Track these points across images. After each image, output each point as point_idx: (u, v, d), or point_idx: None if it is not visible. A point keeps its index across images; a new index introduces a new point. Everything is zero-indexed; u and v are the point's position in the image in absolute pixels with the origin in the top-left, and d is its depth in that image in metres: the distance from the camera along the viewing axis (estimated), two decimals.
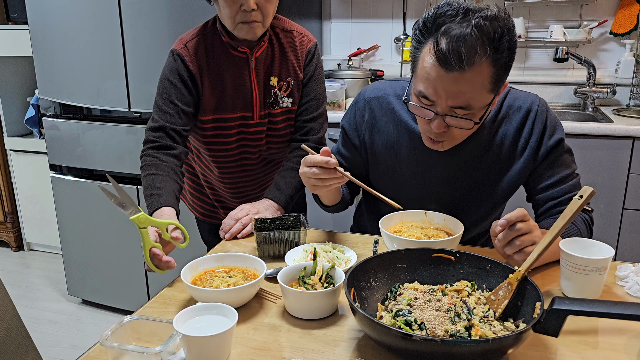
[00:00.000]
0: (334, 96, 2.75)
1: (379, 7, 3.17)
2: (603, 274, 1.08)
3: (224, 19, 1.47)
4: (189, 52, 1.53)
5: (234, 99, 1.57)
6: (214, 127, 1.60)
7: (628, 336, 0.99)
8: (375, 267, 1.06)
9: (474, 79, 1.12)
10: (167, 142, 1.51)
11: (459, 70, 1.10)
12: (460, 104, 1.16)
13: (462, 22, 1.09)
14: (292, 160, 1.64)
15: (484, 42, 1.09)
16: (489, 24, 1.09)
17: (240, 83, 1.56)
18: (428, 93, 1.17)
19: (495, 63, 1.12)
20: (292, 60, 1.62)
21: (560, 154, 1.34)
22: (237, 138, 1.63)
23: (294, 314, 1.05)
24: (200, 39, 1.55)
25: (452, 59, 1.09)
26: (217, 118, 1.58)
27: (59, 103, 2.74)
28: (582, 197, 1.01)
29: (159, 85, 1.56)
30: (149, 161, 1.48)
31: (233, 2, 1.41)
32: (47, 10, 2.60)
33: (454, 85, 1.13)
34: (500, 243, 1.12)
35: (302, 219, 1.35)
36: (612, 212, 2.43)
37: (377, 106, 1.42)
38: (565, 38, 2.80)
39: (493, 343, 0.81)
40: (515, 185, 1.39)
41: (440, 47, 1.10)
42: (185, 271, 1.12)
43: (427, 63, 1.14)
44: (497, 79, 1.15)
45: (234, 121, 1.59)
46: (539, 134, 1.33)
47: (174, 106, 1.52)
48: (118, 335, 0.91)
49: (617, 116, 2.61)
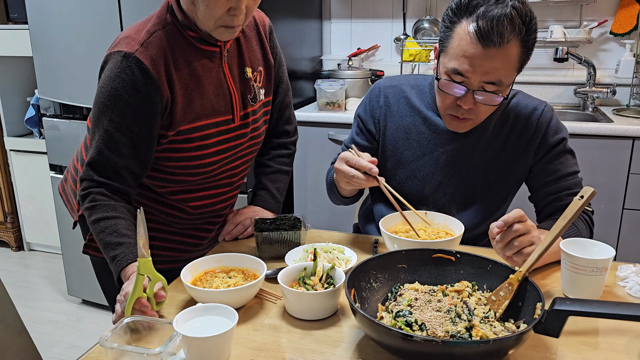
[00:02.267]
0: (334, 96, 2.75)
1: (379, 7, 3.17)
2: (604, 275, 1.08)
3: (200, 19, 1.22)
4: (149, 56, 1.21)
5: (214, 102, 1.31)
6: (184, 141, 1.29)
7: (629, 337, 0.98)
8: (376, 267, 1.06)
9: (507, 56, 1.20)
10: (119, 185, 1.25)
11: (495, 47, 1.18)
12: (492, 79, 1.23)
13: (498, 4, 1.18)
14: (277, 161, 1.56)
15: (519, 23, 1.18)
16: (522, 7, 1.19)
17: (218, 82, 1.32)
18: (463, 69, 1.23)
19: (525, 43, 1.22)
20: (255, 45, 1.42)
21: (562, 152, 1.38)
22: (217, 150, 1.34)
23: (294, 314, 1.05)
24: (160, 35, 1.24)
25: (494, 34, 1.17)
26: (194, 127, 1.29)
27: (59, 103, 2.74)
28: (583, 197, 1.01)
29: (105, 103, 1.21)
30: (102, 201, 1.23)
31: (220, 4, 1.18)
32: (47, 10, 2.60)
33: (489, 61, 1.20)
34: (498, 245, 1.12)
35: (302, 220, 1.35)
36: (612, 212, 2.43)
37: (392, 93, 1.48)
38: (565, 38, 2.80)
39: (494, 344, 0.81)
40: (516, 182, 1.42)
41: (480, 25, 1.18)
42: (185, 272, 1.12)
43: (464, 40, 1.21)
44: (524, 58, 1.25)
45: (215, 127, 1.32)
46: (542, 131, 1.37)
47: (129, 137, 1.23)
48: (118, 335, 0.91)
49: (617, 116, 2.61)
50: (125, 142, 1.22)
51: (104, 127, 1.22)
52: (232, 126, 1.35)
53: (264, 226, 1.33)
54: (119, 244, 1.17)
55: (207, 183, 1.39)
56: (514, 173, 1.41)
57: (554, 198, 1.38)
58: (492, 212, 1.47)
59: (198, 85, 1.28)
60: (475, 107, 1.27)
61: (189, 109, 1.27)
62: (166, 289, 1.08)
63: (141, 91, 1.20)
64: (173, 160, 1.31)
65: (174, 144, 1.29)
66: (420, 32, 3.09)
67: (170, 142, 1.28)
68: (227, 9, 1.19)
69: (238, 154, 1.40)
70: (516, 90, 1.42)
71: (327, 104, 2.77)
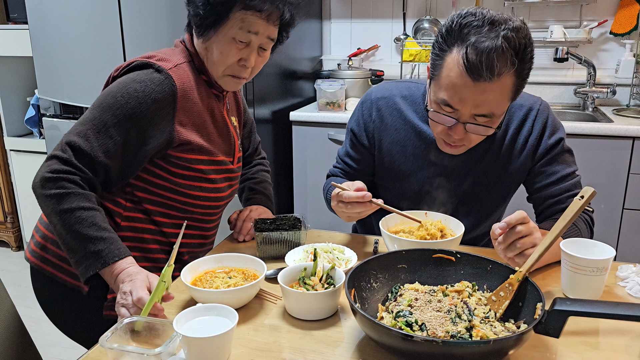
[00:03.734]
0: (334, 96, 2.75)
1: (379, 7, 3.16)
2: (604, 275, 1.08)
3: (211, 65, 1.28)
4: (179, 78, 1.24)
5: (220, 143, 1.36)
6: (199, 165, 1.30)
7: (629, 337, 0.98)
8: (376, 267, 1.06)
9: (499, 89, 1.16)
10: (93, 178, 1.19)
11: (486, 81, 1.13)
12: (483, 112, 1.19)
13: (490, 34, 1.12)
14: (261, 175, 1.63)
15: (511, 54, 1.12)
16: (515, 36, 1.12)
17: (224, 124, 1.37)
18: (453, 102, 1.19)
19: (519, 74, 1.17)
20: (232, 97, 1.50)
21: (560, 153, 1.36)
22: (216, 187, 1.36)
23: (295, 314, 1.05)
24: (186, 67, 1.28)
25: (483, 70, 1.11)
26: (198, 159, 1.30)
27: (59, 103, 2.74)
28: (583, 197, 1.01)
29: (116, 98, 1.18)
30: (74, 189, 1.14)
31: (233, 54, 1.25)
32: (47, 10, 2.60)
33: (480, 94, 1.16)
34: (500, 246, 1.12)
35: (303, 220, 1.35)
36: (612, 212, 2.43)
37: (384, 105, 1.44)
38: (565, 38, 2.80)
39: (494, 344, 0.81)
40: (515, 183, 1.41)
41: (470, 58, 1.12)
42: (185, 272, 1.12)
43: (453, 72, 1.16)
44: (518, 88, 1.20)
45: (216, 165, 1.34)
46: (538, 132, 1.35)
47: (123, 140, 1.18)
48: (118, 336, 0.91)
49: (617, 116, 2.61)
50: (116, 142, 1.18)
51: (103, 119, 1.18)
52: (230, 167, 1.39)
53: (264, 226, 1.33)
54: (101, 238, 1.12)
55: (191, 213, 1.36)
56: (512, 176, 1.40)
57: (554, 201, 1.36)
58: (490, 214, 1.46)
59: (209, 122, 1.32)
60: (466, 135, 1.24)
61: (199, 139, 1.28)
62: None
63: (159, 104, 1.20)
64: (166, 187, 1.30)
65: (170, 167, 1.28)
66: (420, 32, 3.09)
67: (166, 166, 1.28)
68: (238, 59, 1.26)
69: (228, 195, 1.43)
70: None
71: (327, 104, 2.77)
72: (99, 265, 1.12)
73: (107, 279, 1.13)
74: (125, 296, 1.06)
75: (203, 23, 1.24)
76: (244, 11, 1.21)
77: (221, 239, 1.46)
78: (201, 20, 1.24)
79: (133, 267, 1.12)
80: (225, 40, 1.24)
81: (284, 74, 2.82)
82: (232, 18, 1.22)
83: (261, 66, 1.33)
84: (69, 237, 1.13)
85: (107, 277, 1.13)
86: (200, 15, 1.23)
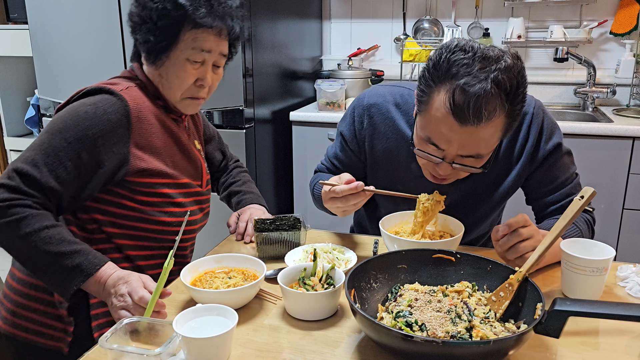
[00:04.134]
0: (334, 96, 2.75)
1: (379, 7, 3.16)
2: (604, 275, 1.08)
3: (168, 90, 1.25)
4: (132, 98, 1.20)
5: (186, 166, 1.32)
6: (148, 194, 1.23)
7: (629, 337, 0.98)
8: (376, 268, 1.06)
9: (488, 132, 1.11)
10: (46, 201, 1.13)
11: (474, 125, 1.08)
12: (470, 153, 1.15)
13: (479, 75, 1.05)
14: (242, 176, 1.62)
15: (502, 98, 1.07)
16: (506, 78, 1.06)
17: (187, 148, 1.32)
18: (438, 142, 1.15)
19: (510, 115, 1.11)
20: (191, 123, 1.44)
21: (558, 158, 1.32)
22: (197, 212, 1.34)
23: (294, 315, 1.05)
24: (136, 90, 1.24)
25: (470, 115, 1.06)
26: (162, 183, 1.25)
27: (59, 103, 2.74)
28: (583, 197, 1.01)
29: (66, 122, 1.13)
30: (32, 211, 1.09)
31: (189, 76, 1.22)
32: (47, 10, 2.60)
33: (467, 137, 1.11)
34: (501, 248, 1.11)
35: (302, 220, 1.35)
36: (612, 213, 2.43)
37: (377, 113, 1.40)
38: (565, 38, 2.80)
39: (494, 344, 0.81)
40: (512, 190, 1.38)
41: (457, 101, 1.06)
42: (185, 272, 1.11)
43: (440, 113, 1.10)
44: (509, 127, 1.14)
45: (183, 188, 1.30)
46: (535, 139, 1.31)
47: (74, 164, 1.13)
48: (117, 336, 0.91)
49: (617, 116, 2.61)
50: (67, 167, 1.12)
51: (52, 143, 1.12)
52: (199, 190, 1.35)
53: (263, 226, 1.32)
54: (75, 251, 1.09)
55: (163, 242, 1.30)
56: (508, 182, 1.36)
57: (556, 208, 1.34)
58: (486, 218, 1.45)
59: (172, 145, 1.27)
60: (453, 171, 1.20)
61: (158, 163, 1.23)
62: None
63: (112, 125, 1.15)
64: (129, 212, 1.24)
65: (133, 194, 1.22)
66: (420, 32, 3.09)
67: (130, 195, 1.22)
68: (195, 80, 1.24)
69: (201, 219, 1.38)
70: None
71: (327, 104, 2.77)
72: (82, 277, 1.08)
73: (94, 289, 1.10)
74: (123, 298, 1.05)
75: (154, 49, 1.21)
76: (194, 30, 1.19)
77: (220, 239, 1.46)
78: (152, 47, 1.21)
79: (119, 271, 1.10)
80: (180, 63, 1.21)
81: (284, 74, 2.82)
82: (183, 39, 1.20)
83: (217, 84, 1.30)
84: (41, 258, 1.08)
85: (92, 287, 1.10)
86: (150, 42, 1.20)
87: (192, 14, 1.18)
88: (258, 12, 2.46)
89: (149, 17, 1.19)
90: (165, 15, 1.18)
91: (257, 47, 2.48)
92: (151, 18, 1.19)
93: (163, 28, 1.19)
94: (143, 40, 1.21)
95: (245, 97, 2.42)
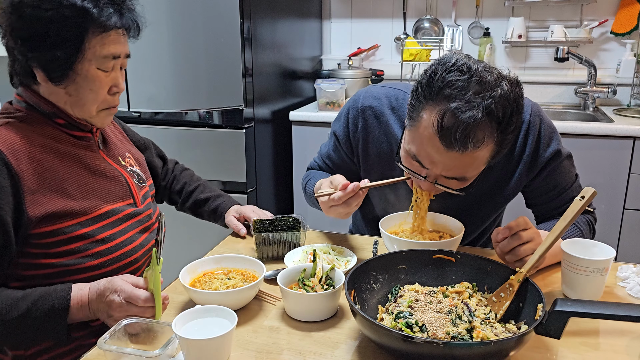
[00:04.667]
0: (334, 96, 2.75)
1: (379, 7, 3.16)
2: (604, 275, 1.08)
3: (81, 107, 1.10)
4: (5, 142, 1.03)
5: (106, 191, 1.16)
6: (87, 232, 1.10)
7: (629, 337, 0.98)
8: (376, 268, 1.06)
9: (475, 159, 1.08)
10: None
11: (459, 152, 1.05)
12: (455, 175, 1.13)
13: (473, 101, 1.01)
14: (195, 178, 1.55)
15: (492, 127, 1.03)
16: (500, 106, 1.02)
17: (103, 169, 1.17)
18: (423, 161, 1.13)
19: (500, 144, 1.08)
20: (114, 137, 1.30)
21: (558, 164, 1.29)
22: (136, 236, 1.20)
23: (294, 316, 1.05)
24: (9, 129, 1.06)
25: (456, 142, 1.03)
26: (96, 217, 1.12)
27: None
28: (584, 198, 1.00)
29: None
30: None
31: (104, 85, 1.09)
32: None
33: (452, 161, 1.09)
34: (501, 251, 1.11)
35: (302, 221, 1.35)
36: (613, 213, 2.43)
37: (371, 116, 1.37)
38: (566, 38, 2.79)
39: (495, 345, 0.81)
40: (511, 196, 1.36)
41: (445, 125, 1.03)
42: (183, 273, 1.11)
43: (427, 132, 1.07)
44: (497, 154, 1.11)
45: (119, 212, 1.16)
46: (532, 147, 1.27)
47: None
48: (116, 338, 0.90)
49: (618, 116, 2.60)
50: None
51: None
52: (134, 210, 1.20)
53: (262, 227, 1.32)
54: (36, 300, 1.00)
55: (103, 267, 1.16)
56: (506, 190, 1.33)
57: (557, 212, 1.32)
58: (485, 222, 1.44)
59: (79, 173, 1.12)
60: (436, 187, 1.18)
61: (62, 202, 1.07)
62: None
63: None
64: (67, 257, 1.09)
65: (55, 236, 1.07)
66: (421, 31, 3.09)
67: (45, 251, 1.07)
68: (109, 88, 1.11)
69: (146, 240, 1.23)
70: None
71: (327, 104, 2.76)
72: (62, 314, 1.00)
73: (82, 315, 1.02)
74: (123, 308, 0.98)
75: (61, 66, 1.05)
76: (102, 35, 1.06)
77: (220, 239, 1.46)
78: (58, 63, 1.04)
79: (94, 285, 1.02)
80: (91, 76, 1.08)
81: (284, 73, 2.82)
82: (89, 48, 1.05)
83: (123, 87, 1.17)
84: (13, 329, 1.00)
85: (79, 314, 1.02)
86: (57, 59, 1.03)
87: (99, 17, 1.04)
88: (258, 12, 2.45)
89: (47, 29, 1.02)
90: (67, 24, 1.02)
91: (257, 46, 2.48)
92: (50, 30, 1.02)
93: (68, 39, 1.03)
94: (50, 59, 1.04)
95: (245, 97, 2.41)
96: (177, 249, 2.07)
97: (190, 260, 1.16)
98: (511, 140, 1.10)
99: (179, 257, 1.62)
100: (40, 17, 1.01)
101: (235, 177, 2.50)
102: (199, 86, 2.44)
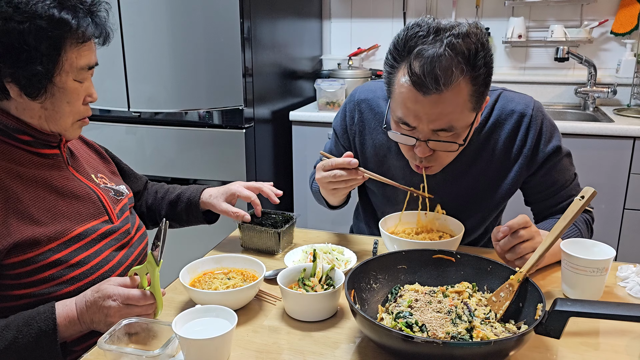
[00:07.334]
0: (334, 96, 2.75)
1: (379, 7, 3.16)
2: (604, 275, 1.08)
3: (57, 120, 1.07)
4: None
5: (76, 212, 1.11)
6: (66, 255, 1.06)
7: (629, 337, 0.98)
8: (376, 268, 1.06)
9: (454, 99, 1.10)
10: None
11: (436, 92, 1.07)
12: (442, 126, 1.13)
13: (434, 42, 1.07)
14: (165, 189, 1.47)
15: (459, 62, 1.06)
16: (461, 42, 1.06)
17: (72, 187, 1.12)
18: (408, 119, 1.14)
19: (474, 81, 1.10)
20: (86, 154, 1.26)
21: (558, 161, 1.31)
22: (112, 255, 1.15)
23: (294, 316, 1.05)
24: None
25: (428, 81, 1.06)
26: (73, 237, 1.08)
27: None
28: (584, 197, 1.00)
29: None
30: None
31: (79, 96, 1.07)
32: None
33: (433, 107, 1.10)
34: (501, 249, 1.11)
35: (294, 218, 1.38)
36: (613, 213, 2.43)
37: (367, 108, 1.39)
38: (566, 38, 2.79)
39: (495, 345, 0.81)
40: (511, 191, 1.36)
41: (414, 71, 1.07)
42: (183, 273, 1.11)
43: (404, 87, 1.11)
44: (478, 96, 1.13)
45: (93, 232, 1.12)
46: (533, 142, 1.28)
47: None
48: (116, 337, 0.90)
49: (618, 116, 2.60)
50: None
51: None
52: (110, 227, 1.16)
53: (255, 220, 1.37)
54: (21, 325, 0.96)
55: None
56: (507, 184, 1.33)
57: (557, 210, 1.34)
58: (485, 220, 1.44)
59: (45, 196, 1.07)
60: (434, 153, 1.19)
61: (28, 229, 1.02)
62: None
63: None
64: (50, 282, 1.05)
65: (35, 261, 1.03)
66: None
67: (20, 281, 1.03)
68: (83, 98, 1.09)
69: (124, 258, 1.19)
70: (499, 90, 1.33)
71: (327, 104, 2.76)
72: (52, 336, 0.96)
73: (72, 331, 0.99)
74: (123, 310, 0.96)
75: (41, 80, 1.01)
76: (78, 46, 1.03)
77: (220, 238, 1.46)
78: (38, 78, 1.00)
79: (79, 298, 1.00)
80: (69, 88, 1.05)
81: (284, 73, 2.82)
82: (67, 60, 1.02)
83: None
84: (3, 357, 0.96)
85: (71, 329, 0.99)
86: (37, 73, 0.99)
87: (77, 28, 1.01)
88: (258, 12, 2.45)
89: (22, 43, 0.97)
90: (43, 36, 0.98)
91: (257, 46, 2.48)
92: (26, 43, 0.97)
93: (46, 53, 0.99)
94: (24, 73, 0.99)
95: (245, 97, 2.41)
96: (177, 249, 2.07)
97: (190, 260, 1.16)
98: (485, 77, 1.12)
99: (179, 257, 1.62)
100: (14, 30, 0.96)
101: (235, 177, 2.50)
102: (199, 86, 2.44)
